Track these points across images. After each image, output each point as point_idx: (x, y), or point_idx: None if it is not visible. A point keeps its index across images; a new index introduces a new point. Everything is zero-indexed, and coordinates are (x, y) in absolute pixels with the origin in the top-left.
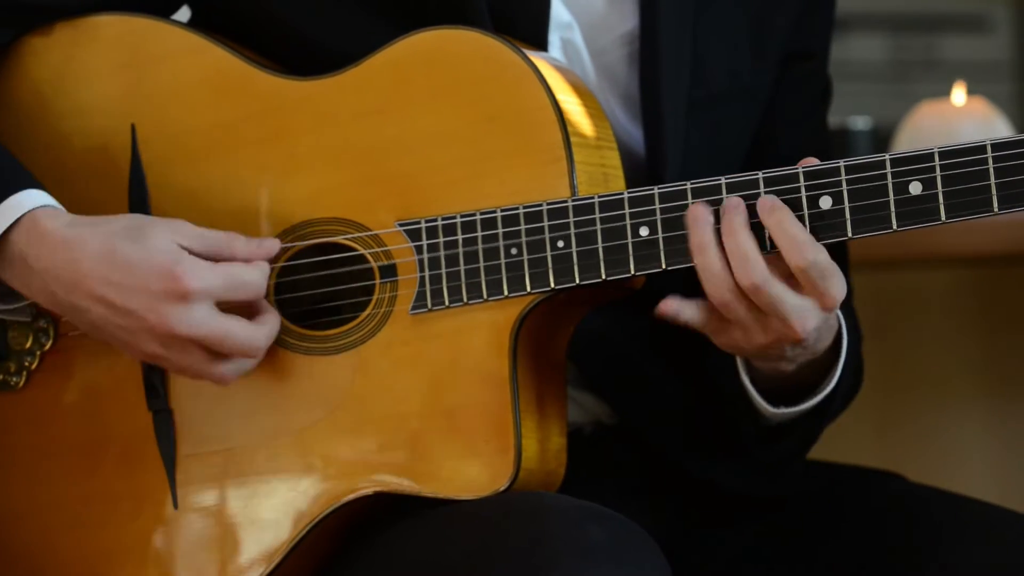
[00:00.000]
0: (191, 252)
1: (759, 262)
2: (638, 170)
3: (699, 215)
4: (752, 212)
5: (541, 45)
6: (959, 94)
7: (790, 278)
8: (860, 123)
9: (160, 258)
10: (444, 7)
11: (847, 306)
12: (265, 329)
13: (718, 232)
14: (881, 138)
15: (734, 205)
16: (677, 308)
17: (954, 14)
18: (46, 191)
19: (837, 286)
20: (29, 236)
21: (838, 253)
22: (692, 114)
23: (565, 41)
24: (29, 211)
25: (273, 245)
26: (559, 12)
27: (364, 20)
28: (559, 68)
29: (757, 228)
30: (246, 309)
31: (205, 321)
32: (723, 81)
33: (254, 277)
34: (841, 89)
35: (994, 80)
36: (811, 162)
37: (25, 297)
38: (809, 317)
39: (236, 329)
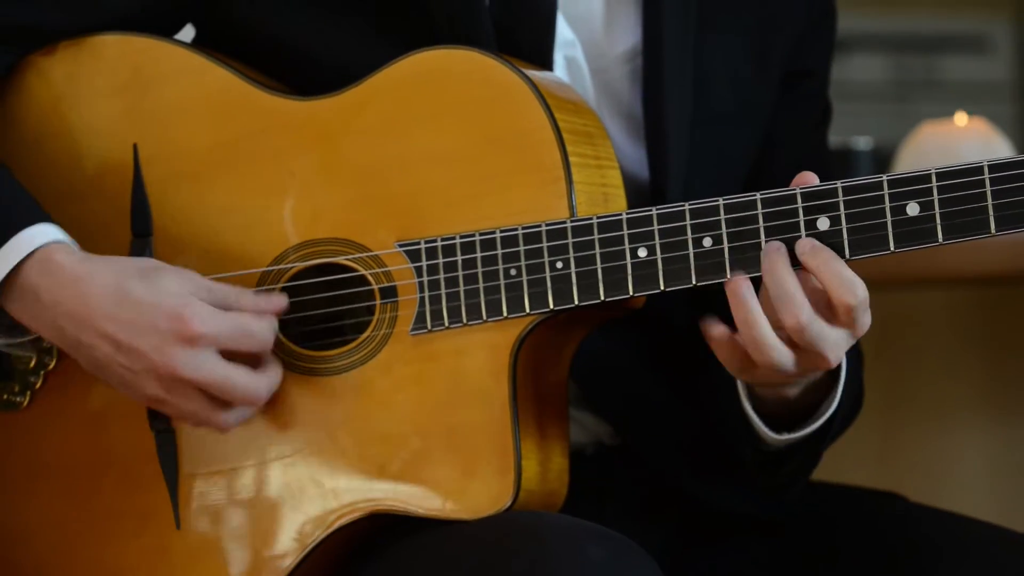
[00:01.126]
0: (198, 297)
1: (804, 302)
2: (639, 188)
3: (739, 289)
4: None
5: (546, 64)
6: (960, 115)
7: (825, 310)
8: (862, 143)
9: (170, 300)
10: (449, 27)
11: None
12: (266, 379)
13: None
14: (882, 158)
15: (776, 247)
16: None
17: (955, 35)
18: (57, 225)
19: (869, 315)
20: (41, 269)
21: None
22: (695, 132)
23: (568, 59)
24: (42, 245)
25: (281, 301)
26: (562, 30)
27: (367, 40)
28: (560, 87)
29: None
30: (250, 359)
31: (209, 366)
32: (726, 99)
33: (262, 328)
34: (843, 109)
35: (995, 100)
36: (807, 178)
37: (32, 331)
38: (842, 346)
39: (238, 376)
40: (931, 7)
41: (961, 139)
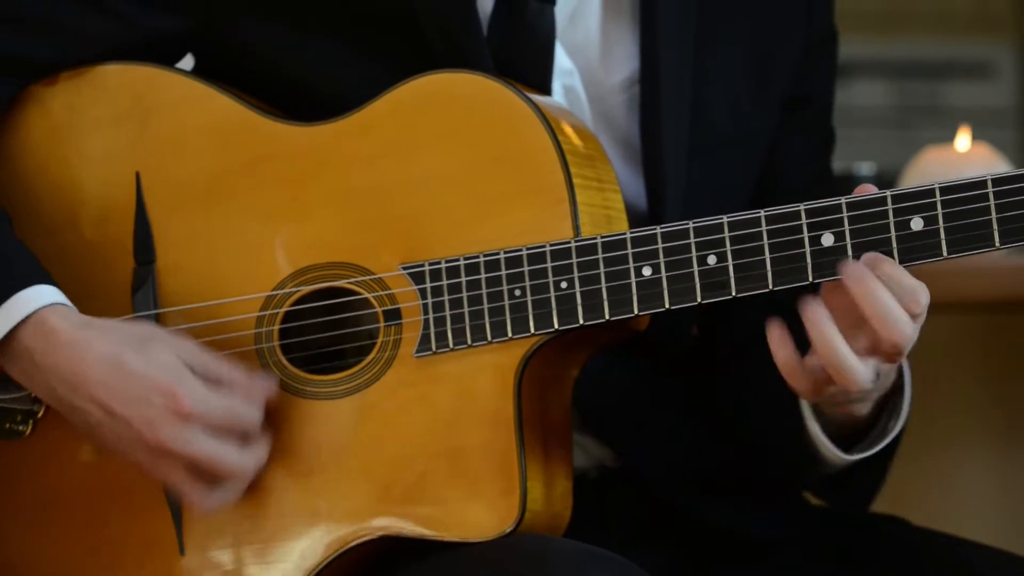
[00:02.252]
0: (192, 370)
1: (906, 318)
2: (637, 217)
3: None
4: None
5: (545, 92)
6: (963, 140)
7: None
8: (865, 169)
9: (163, 374)
10: (449, 56)
11: None
12: (253, 456)
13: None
14: (885, 183)
15: (822, 315)
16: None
17: (958, 61)
18: (57, 286)
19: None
20: (37, 333)
21: None
22: (693, 159)
23: (567, 88)
24: (39, 309)
25: (269, 385)
26: (561, 59)
27: (365, 69)
28: (562, 111)
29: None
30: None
31: (197, 442)
32: (725, 126)
33: (250, 412)
34: (846, 135)
35: (998, 126)
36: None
37: (26, 389)
38: (914, 338)
39: (226, 453)
40: (934, 33)
41: (964, 164)
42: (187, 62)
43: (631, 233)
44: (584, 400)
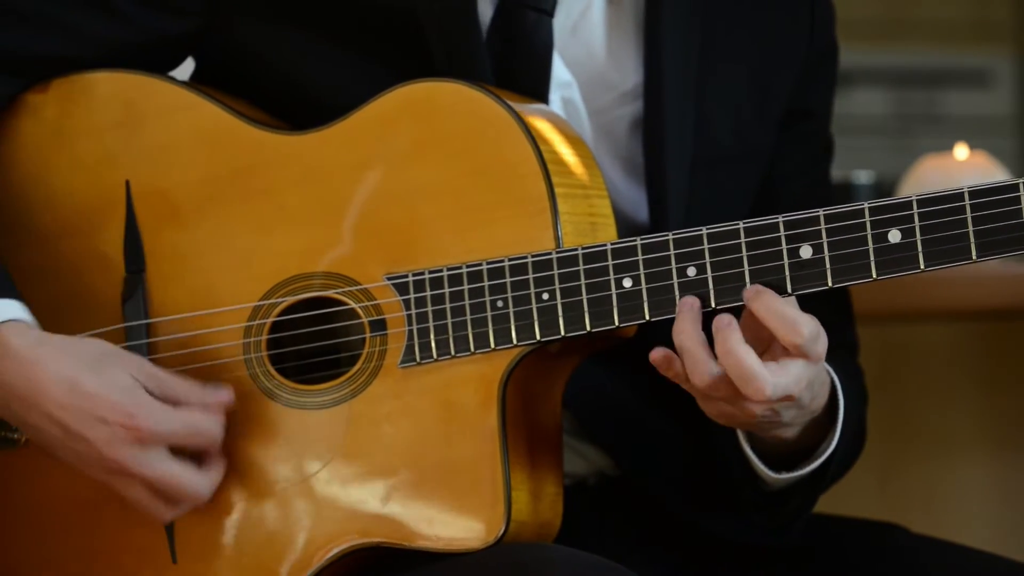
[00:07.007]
0: (148, 392)
1: (766, 377)
2: (638, 231)
3: (685, 305)
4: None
5: (541, 103)
6: (961, 149)
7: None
8: (863, 177)
9: (119, 395)
10: (449, 64)
11: (852, 365)
12: (210, 477)
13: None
14: (884, 192)
15: (727, 323)
16: (668, 360)
17: (956, 69)
18: (21, 300)
19: (823, 343)
20: None
21: (843, 309)
22: (695, 173)
23: (565, 100)
24: None
25: (227, 396)
26: (559, 71)
27: (370, 76)
28: (548, 118)
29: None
30: (196, 453)
31: (155, 463)
32: (727, 140)
33: (210, 425)
34: (844, 143)
35: (996, 135)
36: None
37: None
38: (803, 377)
39: (184, 475)
40: (932, 41)
41: (962, 173)
42: (186, 68)
43: (611, 245)
44: (582, 408)
